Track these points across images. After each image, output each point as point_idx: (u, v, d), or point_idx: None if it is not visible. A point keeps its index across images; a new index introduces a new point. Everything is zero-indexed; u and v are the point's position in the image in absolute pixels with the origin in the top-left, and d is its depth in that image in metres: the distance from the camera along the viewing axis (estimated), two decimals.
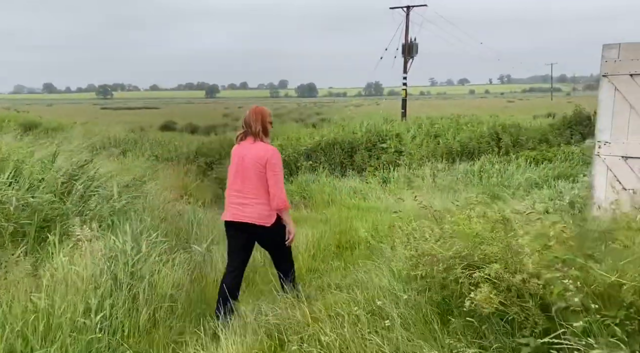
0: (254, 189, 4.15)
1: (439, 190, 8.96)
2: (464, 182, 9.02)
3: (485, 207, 4.76)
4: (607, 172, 6.17)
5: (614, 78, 5.99)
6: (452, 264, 3.30)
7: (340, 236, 6.74)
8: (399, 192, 9.48)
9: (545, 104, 58.91)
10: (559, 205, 7.03)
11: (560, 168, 9.21)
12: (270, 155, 4.13)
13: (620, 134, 6.03)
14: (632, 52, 5.85)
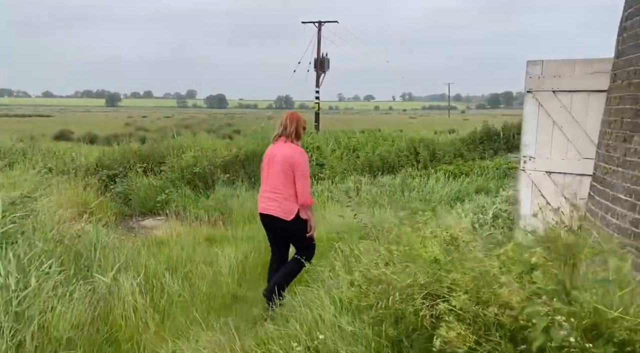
0: (280, 186, 4.61)
1: (363, 205, 8.73)
2: (387, 195, 8.91)
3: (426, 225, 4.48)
4: (532, 186, 6.22)
5: (537, 94, 6.07)
6: (411, 293, 2.92)
7: (266, 256, 6.19)
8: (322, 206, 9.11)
9: (444, 121, 62.30)
10: (483, 219, 7.01)
11: (478, 182, 9.45)
12: (298, 156, 4.61)
13: (544, 149, 6.12)
14: (554, 69, 5.96)
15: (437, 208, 8.19)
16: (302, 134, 4.90)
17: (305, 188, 4.58)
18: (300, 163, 4.58)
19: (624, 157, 3.91)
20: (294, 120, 4.75)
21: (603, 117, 4.67)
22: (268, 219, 4.75)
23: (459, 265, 2.95)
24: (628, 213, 3.76)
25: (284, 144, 4.71)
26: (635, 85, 3.87)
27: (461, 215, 7.21)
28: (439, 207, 8.51)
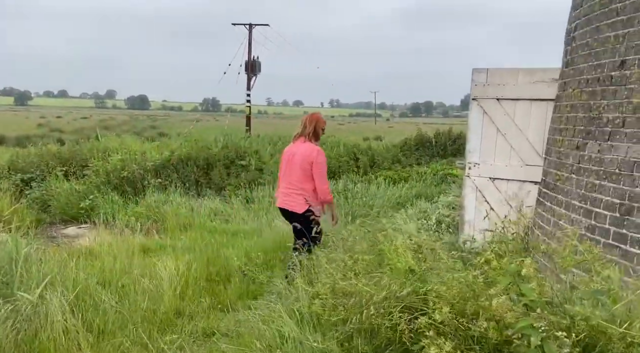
0: (297, 182, 4.94)
1: None
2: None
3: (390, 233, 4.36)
4: (476, 192, 6.32)
5: (482, 101, 6.18)
6: (387, 306, 2.75)
7: (208, 267, 5.81)
8: (264, 213, 8.80)
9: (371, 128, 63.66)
10: (427, 224, 7.03)
11: (417, 187, 9.58)
12: (316, 154, 4.89)
13: (489, 155, 6.23)
14: (498, 77, 6.10)
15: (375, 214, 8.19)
16: (321, 134, 5.20)
17: (324, 186, 4.91)
18: (318, 162, 4.87)
19: (578, 164, 4.00)
20: (313, 120, 5.05)
21: (552, 125, 4.79)
22: (285, 212, 5.16)
23: (437, 277, 2.83)
24: (583, 219, 3.83)
25: (302, 143, 5.01)
26: (587, 94, 3.97)
27: (406, 220, 7.21)
28: (380, 213, 8.51)
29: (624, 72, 3.54)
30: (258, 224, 8.19)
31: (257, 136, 17.80)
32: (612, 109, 3.63)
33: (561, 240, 4.08)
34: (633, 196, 3.35)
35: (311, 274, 3.96)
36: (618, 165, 3.51)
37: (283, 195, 5.11)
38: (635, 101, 3.41)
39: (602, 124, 3.73)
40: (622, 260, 3.37)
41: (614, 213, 3.51)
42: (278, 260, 6.22)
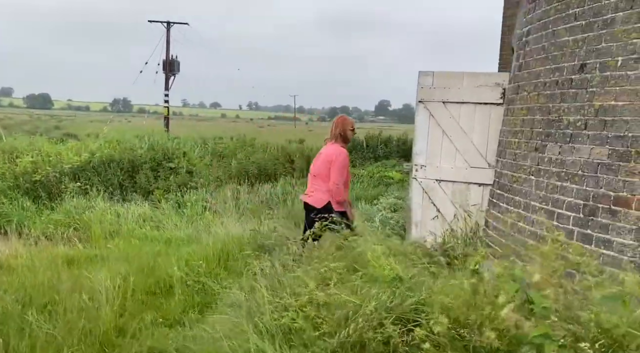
0: (320, 180, 5.20)
1: (244, 215, 8.17)
2: (270, 205, 8.46)
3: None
4: (423, 194, 6.34)
5: (428, 104, 6.22)
6: (378, 318, 2.56)
7: (146, 278, 5.32)
8: (198, 219, 8.31)
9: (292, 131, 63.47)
10: (371, 226, 6.95)
11: (356, 190, 9.53)
12: (336, 155, 5.11)
13: (435, 157, 6.28)
14: (444, 80, 6.16)
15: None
16: (351, 136, 5.39)
17: (336, 181, 5.05)
18: (335, 161, 5.08)
19: (537, 166, 4.07)
20: (338, 124, 5.29)
21: (504, 128, 4.88)
22: (305, 206, 5.39)
23: (424, 284, 2.68)
24: (545, 220, 3.89)
25: (329, 145, 5.30)
26: (545, 97, 4.05)
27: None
28: None
29: (585, 75, 3.63)
30: (194, 230, 7.71)
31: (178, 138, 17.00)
32: (573, 111, 3.72)
33: (518, 241, 4.13)
34: (597, 197, 3.43)
35: (275, 284, 3.68)
36: (581, 167, 3.59)
37: (309, 191, 5.39)
38: (597, 104, 3.50)
39: (562, 126, 3.80)
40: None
41: (578, 214, 3.58)
42: (223, 269, 5.85)
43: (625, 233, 3.23)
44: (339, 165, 5.09)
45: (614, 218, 3.31)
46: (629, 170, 3.24)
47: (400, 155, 12.63)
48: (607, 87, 3.44)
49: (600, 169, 3.43)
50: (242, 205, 8.57)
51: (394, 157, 12.48)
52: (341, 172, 5.09)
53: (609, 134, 3.39)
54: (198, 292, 5.32)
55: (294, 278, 3.42)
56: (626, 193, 3.25)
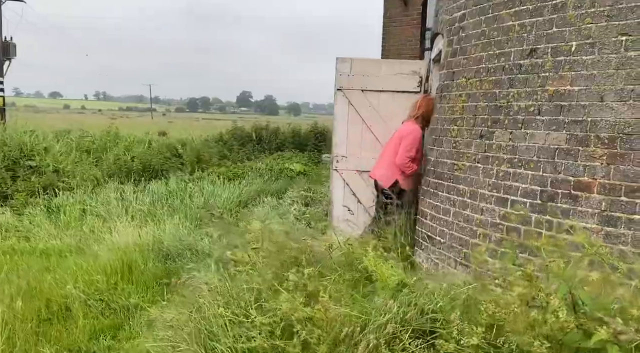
0: (387, 157, 5.35)
1: (136, 218, 7.18)
2: (165, 205, 7.54)
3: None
4: (344, 186, 6.09)
5: (348, 92, 5.96)
6: (393, 332, 2.18)
7: (33, 302, 4.33)
8: (79, 225, 7.14)
9: (149, 123, 59.42)
10: (287, 221, 6.56)
11: (257, 184, 8.96)
12: (408, 132, 5.21)
13: (355, 148, 6.05)
14: (363, 68, 5.95)
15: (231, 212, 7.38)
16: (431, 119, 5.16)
17: (403, 155, 5.16)
18: (407, 137, 5.20)
19: (484, 153, 3.99)
20: (422, 105, 5.28)
21: (439, 115, 4.77)
22: (374, 182, 5.53)
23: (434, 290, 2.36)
24: (496, 208, 3.83)
25: (406, 123, 5.37)
26: (490, 83, 3.98)
27: (263, 219, 6.58)
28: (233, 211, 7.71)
29: (535, 60, 3.60)
30: (76, 240, 6.59)
31: (33, 131, 14.78)
32: (524, 97, 3.67)
33: (466, 230, 4.03)
34: (556, 182, 3.42)
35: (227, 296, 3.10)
36: (536, 153, 3.56)
37: (377, 168, 5.52)
38: (551, 89, 3.48)
39: (512, 112, 3.75)
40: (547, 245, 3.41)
41: (535, 200, 3.55)
42: (128, 282, 5.01)
43: (587, 218, 3.25)
44: (410, 140, 5.17)
45: (575, 203, 3.31)
46: (590, 155, 3.25)
47: (295, 147, 12.33)
48: (562, 72, 3.43)
49: (558, 154, 3.42)
50: (131, 207, 7.56)
51: (289, 148, 12.13)
52: (410, 147, 5.15)
53: (566, 119, 3.39)
54: (103, 312, 4.47)
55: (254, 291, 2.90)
56: (587, 177, 3.26)
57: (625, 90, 3.10)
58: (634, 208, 3.06)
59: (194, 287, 3.81)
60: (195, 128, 24.44)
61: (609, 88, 3.18)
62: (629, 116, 3.09)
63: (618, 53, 3.14)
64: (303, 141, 12.46)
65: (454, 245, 4.26)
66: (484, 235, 3.92)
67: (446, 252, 4.36)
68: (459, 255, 4.19)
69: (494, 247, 3.82)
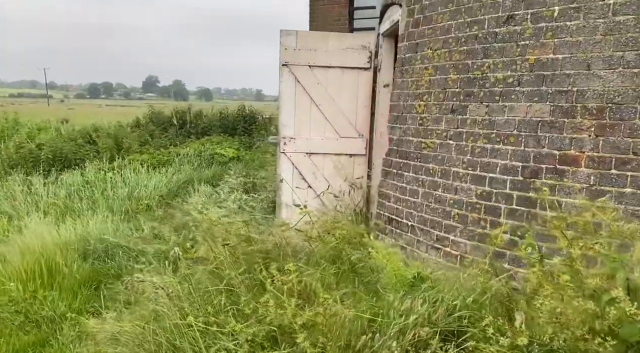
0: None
1: (50, 214, 6.26)
2: (84, 198, 6.63)
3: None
4: (293, 170, 5.67)
5: (294, 68, 5.51)
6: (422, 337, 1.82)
7: None
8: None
9: (46, 110, 54.58)
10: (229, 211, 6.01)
11: (186, 171, 8.19)
12: None
13: (304, 129, 5.63)
14: (309, 41, 5.51)
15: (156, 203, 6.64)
16: None
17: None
18: None
19: (457, 129, 3.74)
20: None
21: (398, 91, 4.47)
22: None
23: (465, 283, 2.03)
24: (473, 186, 3.59)
25: None
26: (461, 53, 3.72)
27: (200, 209, 5.99)
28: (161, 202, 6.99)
29: (513, 27, 3.38)
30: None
31: None
32: (501, 68, 3.45)
33: (438, 211, 3.79)
34: (539, 157, 3.22)
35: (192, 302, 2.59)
36: (516, 127, 3.35)
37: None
38: (532, 58, 3.27)
39: (488, 85, 3.52)
40: (532, 224, 3.23)
41: (516, 176, 3.34)
42: (50, 288, 4.28)
43: (575, 193, 3.08)
44: None
45: (561, 178, 3.14)
46: (576, 127, 3.08)
47: (223, 131, 11.59)
48: (544, 39, 3.22)
49: (541, 127, 3.22)
50: (42, 201, 6.61)
51: (216, 132, 11.36)
52: None
53: (550, 89, 3.19)
54: (22, 326, 3.75)
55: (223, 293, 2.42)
56: (574, 150, 3.09)
57: (614, 57, 2.94)
58: (625, 181, 2.93)
59: (141, 291, 3.24)
60: (100, 115, 22.58)
61: (596, 55, 3.01)
62: (618, 85, 2.93)
63: (606, 17, 2.97)
64: (231, 124, 11.77)
65: (425, 228, 4.00)
66: (460, 215, 3.68)
67: (415, 235, 4.10)
68: (430, 238, 3.93)
69: (472, 229, 3.59)
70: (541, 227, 3.18)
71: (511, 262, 3.33)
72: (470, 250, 3.58)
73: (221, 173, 8.19)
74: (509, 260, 3.34)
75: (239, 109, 11.94)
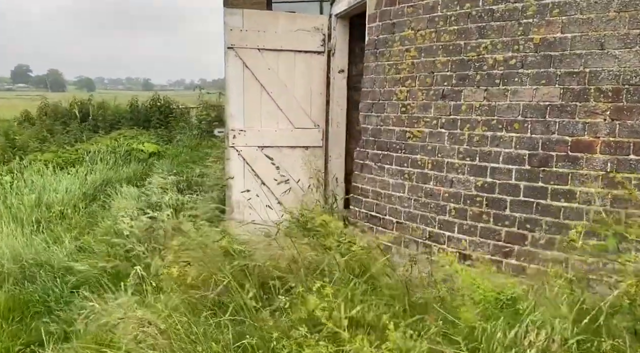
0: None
1: None
2: None
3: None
4: (244, 166, 5.08)
5: (241, 51, 4.92)
6: None
7: None
8: None
9: None
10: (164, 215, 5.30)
11: (102, 171, 7.11)
12: None
13: (255, 119, 5.07)
14: (258, 22, 4.94)
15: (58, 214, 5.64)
16: None
17: None
18: None
19: (449, 115, 3.44)
20: None
21: (371, 76, 4.07)
22: None
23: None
24: (472, 178, 3.32)
25: None
26: (452, 33, 3.41)
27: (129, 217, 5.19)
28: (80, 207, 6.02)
29: (514, 4, 3.12)
30: None
31: None
32: (500, 48, 3.18)
33: (430, 206, 3.49)
34: (549, 144, 3.01)
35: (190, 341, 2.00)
36: (521, 112, 3.11)
37: None
38: (537, 38, 3.04)
39: (486, 67, 3.24)
40: (543, 216, 3.02)
41: (522, 166, 3.11)
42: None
43: (591, 181, 2.90)
44: None
45: (574, 165, 2.95)
46: (590, 110, 2.90)
47: (134, 124, 10.41)
48: (549, 17, 2.99)
49: (550, 111, 3.01)
50: None
51: (127, 126, 10.17)
52: None
53: (558, 71, 2.98)
54: None
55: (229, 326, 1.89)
56: (588, 136, 2.91)
57: (631, 35, 2.78)
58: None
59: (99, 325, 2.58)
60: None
61: (610, 34, 2.83)
62: (635, 64, 2.78)
63: None
64: (143, 117, 10.64)
65: (414, 225, 3.67)
66: (457, 210, 3.39)
67: (402, 233, 3.76)
68: (422, 235, 3.61)
69: (472, 223, 3.32)
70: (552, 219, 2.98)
71: (519, 258, 3.10)
72: (472, 247, 3.31)
73: (143, 171, 7.29)
74: (516, 255, 3.11)
75: (153, 99, 10.87)
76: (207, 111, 8.80)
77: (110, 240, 4.63)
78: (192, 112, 11.50)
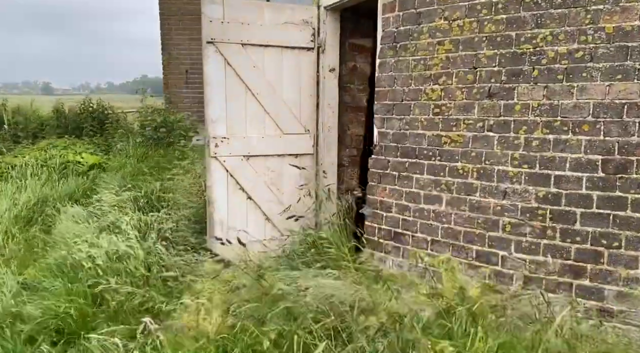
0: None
1: None
2: None
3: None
4: (227, 179, 4.37)
5: (223, 47, 4.24)
6: None
7: None
8: None
9: None
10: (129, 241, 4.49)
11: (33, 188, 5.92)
12: None
13: (239, 125, 4.38)
14: (240, 13, 4.28)
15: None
16: None
17: None
18: None
19: (499, 117, 2.99)
20: None
21: (392, 74, 3.55)
22: None
23: None
24: (531, 188, 2.89)
25: None
26: (500, 23, 2.98)
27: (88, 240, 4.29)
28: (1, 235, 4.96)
29: None
30: None
31: None
32: (562, 39, 2.78)
33: (477, 221, 3.03)
34: (628, 147, 2.64)
35: None
36: (591, 112, 2.72)
37: None
38: (610, 26, 2.67)
39: (546, 61, 2.83)
40: (622, 230, 2.65)
41: (594, 173, 2.72)
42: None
43: None
44: None
45: None
46: None
47: (63, 132, 9.08)
48: (624, 2, 2.63)
49: (628, 110, 2.64)
50: None
51: (54, 134, 8.84)
52: None
53: (637, 64, 2.62)
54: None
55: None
56: None
57: None
58: None
59: None
60: None
61: None
62: None
63: None
64: (73, 124, 9.37)
65: (456, 243, 3.18)
66: (513, 225, 2.95)
67: (439, 253, 3.26)
68: (466, 255, 3.13)
69: (533, 240, 2.89)
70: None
71: (594, 278, 2.71)
72: (534, 267, 2.88)
73: (87, 187, 6.28)
74: (590, 275, 2.72)
75: (84, 104, 9.63)
76: (153, 116, 7.87)
77: (69, 274, 3.75)
78: (129, 117, 10.37)
